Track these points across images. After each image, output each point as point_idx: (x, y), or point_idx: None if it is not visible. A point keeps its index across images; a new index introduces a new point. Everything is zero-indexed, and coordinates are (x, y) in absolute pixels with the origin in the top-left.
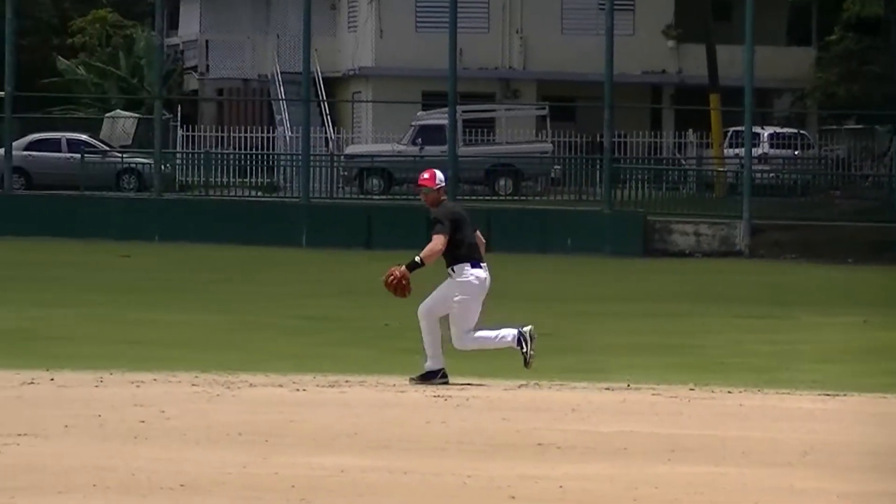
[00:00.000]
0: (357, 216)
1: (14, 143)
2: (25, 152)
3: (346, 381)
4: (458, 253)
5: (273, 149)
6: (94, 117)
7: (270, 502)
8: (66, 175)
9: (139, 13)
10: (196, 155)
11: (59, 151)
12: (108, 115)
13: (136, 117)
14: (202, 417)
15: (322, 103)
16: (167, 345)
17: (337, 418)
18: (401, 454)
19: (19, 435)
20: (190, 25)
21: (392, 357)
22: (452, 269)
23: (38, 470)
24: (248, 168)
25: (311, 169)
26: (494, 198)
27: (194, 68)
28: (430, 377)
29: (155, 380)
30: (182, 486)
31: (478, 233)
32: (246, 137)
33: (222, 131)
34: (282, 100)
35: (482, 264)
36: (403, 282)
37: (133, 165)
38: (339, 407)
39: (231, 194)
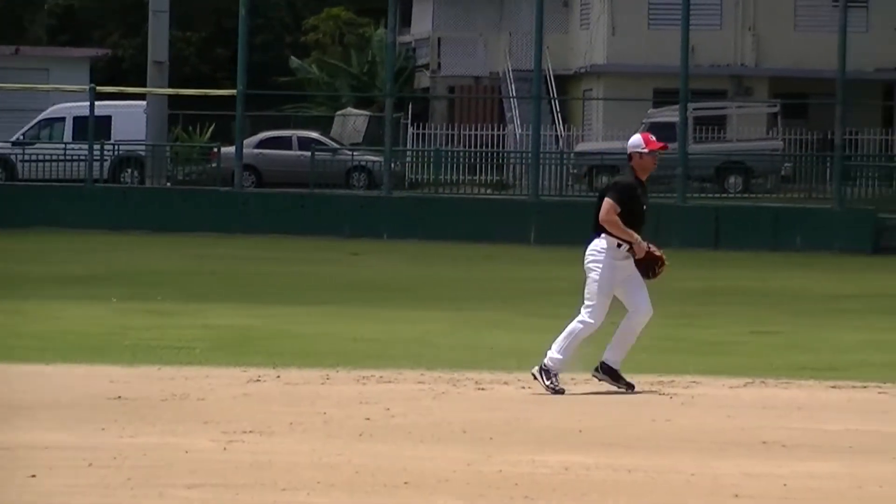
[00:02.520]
0: (587, 214)
1: (245, 141)
2: (256, 150)
3: (572, 379)
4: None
5: (503, 146)
6: (325, 115)
7: (494, 500)
8: (297, 172)
9: (373, 11)
10: (426, 152)
11: (290, 149)
12: (338, 112)
13: (367, 115)
14: (427, 415)
15: (553, 101)
16: (393, 342)
17: (561, 416)
18: (625, 452)
19: (245, 432)
20: (423, 23)
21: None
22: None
23: (264, 467)
24: (478, 166)
25: (541, 167)
26: (724, 195)
27: (426, 66)
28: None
29: (381, 377)
30: (406, 483)
31: None
32: (476, 135)
33: (453, 129)
34: (512, 97)
35: None
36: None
37: (363, 163)
38: (564, 405)
39: (461, 192)
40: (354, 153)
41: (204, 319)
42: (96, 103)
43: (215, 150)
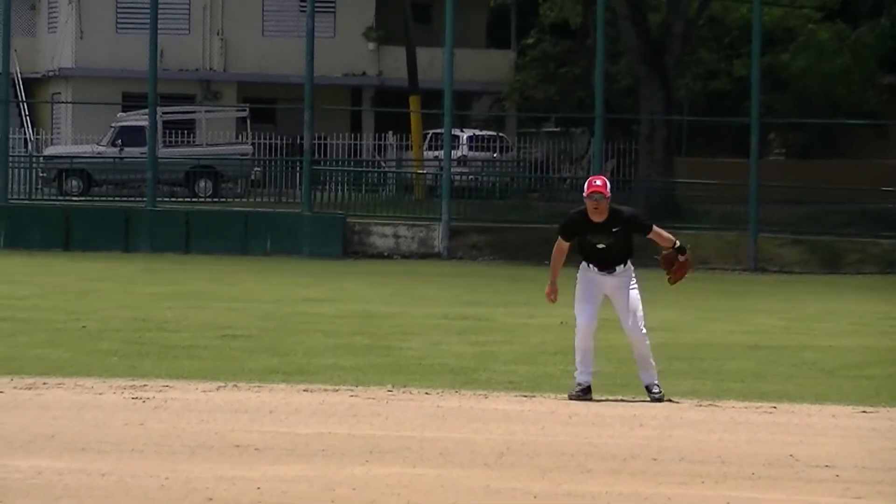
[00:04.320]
0: (56, 217)
1: None
2: None
3: (44, 383)
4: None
5: None
6: None
7: None
8: None
9: None
10: None
11: None
12: None
13: None
14: None
15: (21, 104)
16: None
17: (34, 420)
18: (98, 456)
19: None
20: None
21: (88, 358)
22: (624, 265)
23: None
24: None
25: (10, 170)
26: (194, 199)
27: None
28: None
29: None
30: None
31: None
32: None
33: None
34: None
35: None
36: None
37: None
38: (37, 409)
39: None
40: None
41: None
42: None
43: None
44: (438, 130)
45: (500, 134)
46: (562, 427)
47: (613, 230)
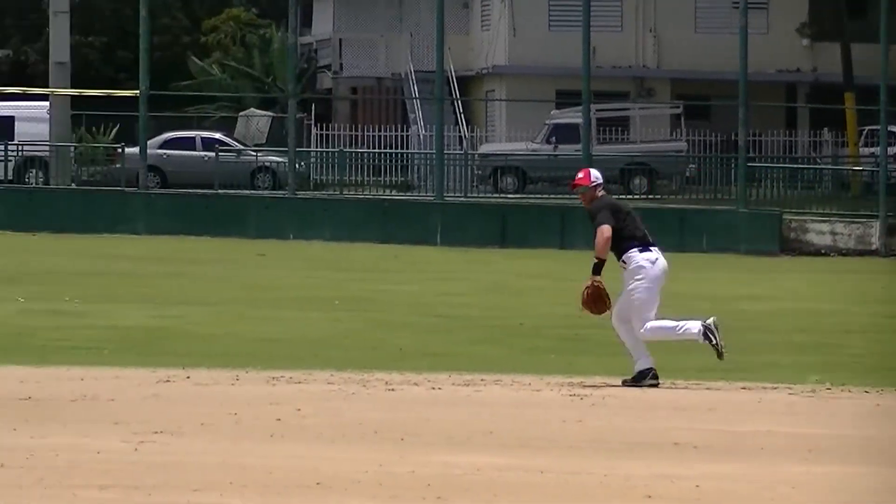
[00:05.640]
0: (491, 215)
1: (149, 142)
2: (160, 151)
3: (482, 380)
4: (623, 243)
5: (407, 147)
6: (228, 115)
7: (406, 501)
8: (201, 173)
9: (273, 12)
10: (330, 153)
11: (194, 150)
12: (241, 113)
13: (270, 116)
14: (338, 416)
15: (456, 102)
16: (303, 343)
17: (472, 417)
18: (536, 453)
19: (155, 433)
20: (324, 24)
21: (526, 356)
22: (623, 262)
23: (175, 467)
24: (383, 167)
25: (445, 167)
26: (630, 197)
27: (328, 67)
28: (640, 378)
29: (290, 378)
30: (318, 484)
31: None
32: (380, 136)
33: (356, 130)
34: (415, 98)
35: (652, 247)
36: (598, 290)
37: (268, 164)
38: (475, 406)
39: (365, 193)
40: (258, 154)
41: (111, 320)
42: None
43: (119, 150)
44: (874, 127)
45: None
46: None
47: (592, 221)
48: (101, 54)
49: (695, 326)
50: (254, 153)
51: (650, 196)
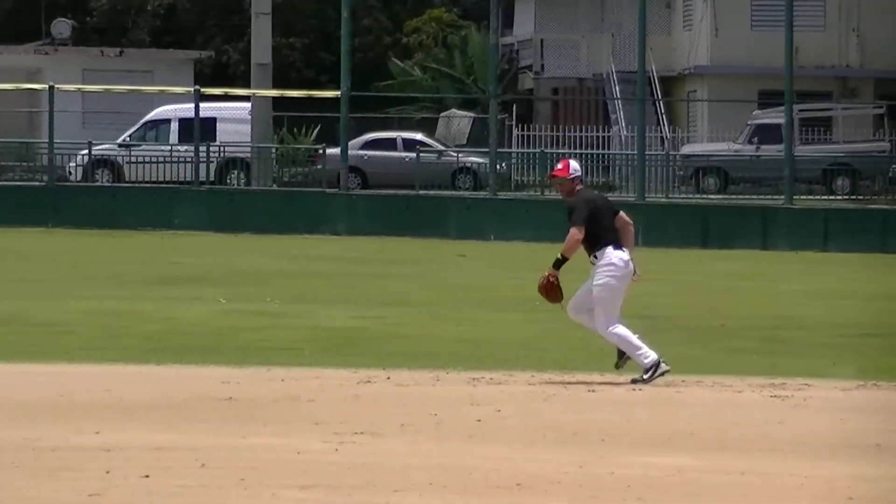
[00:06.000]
0: (693, 215)
1: (350, 143)
2: (361, 152)
3: (682, 381)
4: (598, 239)
5: (608, 148)
6: (429, 116)
7: (606, 502)
8: (402, 174)
9: (474, 13)
10: (531, 154)
11: (395, 151)
12: (443, 114)
13: (471, 117)
14: (538, 416)
15: (657, 102)
16: (503, 344)
17: (672, 419)
18: (737, 455)
19: (356, 433)
20: (525, 25)
21: (728, 357)
22: (594, 256)
23: (376, 468)
24: (584, 167)
25: (647, 168)
26: (831, 197)
27: (529, 67)
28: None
29: (491, 379)
30: (518, 485)
31: (622, 214)
32: (581, 136)
33: (557, 130)
34: (617, 99)
35: (624, 248)
36: (552, 283)
37: (469, 165)
38: (676, 406)
39: None
40: (459, 155)
41: (312, 320)
42: (201, 105)
43: (320, 151)
44: None
45: None
46: None
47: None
48: (303, 55)
49: (652, 357)
50: (455, 154)
51: (853, 197)
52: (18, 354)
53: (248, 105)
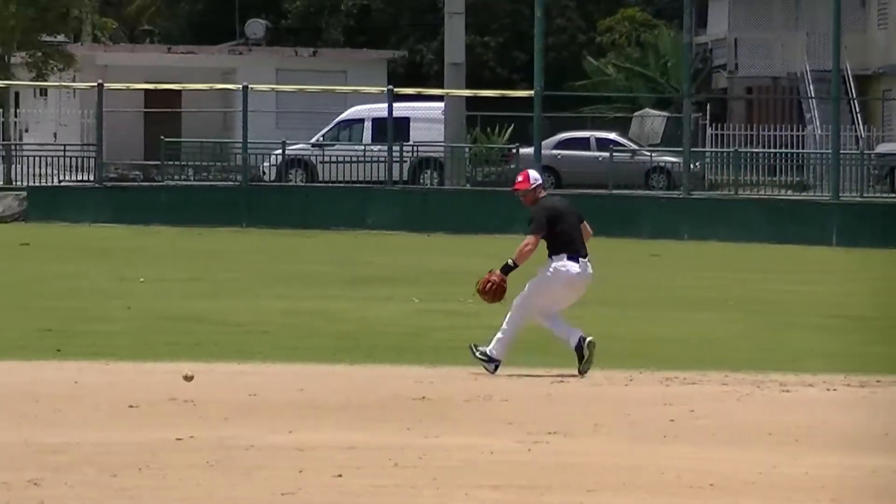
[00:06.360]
0: (889, 215)
1: (543, 142)
2: (554, 151)
3: (878, 381)
4: (557, 247)
5: (802, 147)
6: (623, 116)
7: (800, 503)
8: (595, 174)
9: (668, 12)
10: (725, 153)
11: (588, 150)
12: (636, 113)
13: (665, 116)
14: (731, 417)
15: (851, 101)
16: (696, 343)
17: (867, 419)
18: None
19: (549, 433)
20: (719, 24)
21: None
22: (551, 259)
23: (568, 468)
24: (778, 166)
25: (841, 167)
26: None
27: (723, 66)
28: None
29: (684, 379)
30: (711, 485)
31: (584, 224)
32: (775, 136)
33: (751, 129)
34: (811, 98)
35: (581, 259)
36: (494, 286)
37: (662, 164)
38: (871, 407)
39: (760, 193)
40: (653, 154)
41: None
42: (394, 105)
43: (513, 151)
44: None
45: None
46: None
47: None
48: (496, 55)
49: (497, 357)
50: (648, 153)
51: None
52: (213, 354)
53: (441, 105)
